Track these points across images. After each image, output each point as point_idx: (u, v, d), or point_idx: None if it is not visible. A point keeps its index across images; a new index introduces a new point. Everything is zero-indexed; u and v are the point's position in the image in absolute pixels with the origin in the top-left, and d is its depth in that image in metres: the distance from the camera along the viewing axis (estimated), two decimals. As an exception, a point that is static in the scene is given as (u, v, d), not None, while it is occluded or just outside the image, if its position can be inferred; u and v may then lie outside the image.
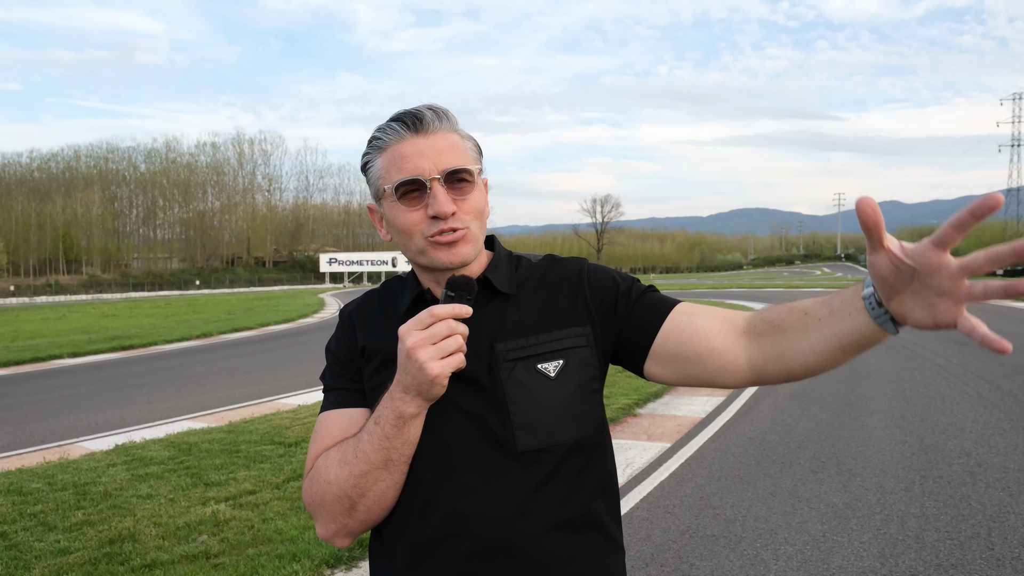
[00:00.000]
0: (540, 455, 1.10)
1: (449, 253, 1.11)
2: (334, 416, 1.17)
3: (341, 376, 1.21)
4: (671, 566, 3.86)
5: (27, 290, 65.27)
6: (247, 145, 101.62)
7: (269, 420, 7.89)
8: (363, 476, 1.07)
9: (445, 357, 1.00)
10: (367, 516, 1.11)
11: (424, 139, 1.11)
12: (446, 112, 1.15)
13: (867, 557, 3.88)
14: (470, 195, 1.13)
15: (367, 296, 1.29)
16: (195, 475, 5.67)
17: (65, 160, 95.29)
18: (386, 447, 1.05)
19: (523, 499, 1.09)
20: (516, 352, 1.13)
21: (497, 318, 1.16)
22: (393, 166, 1.12)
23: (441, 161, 1.10)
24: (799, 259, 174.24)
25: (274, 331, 21.82)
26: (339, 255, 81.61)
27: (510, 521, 1.08)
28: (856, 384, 9.07)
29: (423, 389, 1.01)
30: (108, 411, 9.19)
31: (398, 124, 1.12)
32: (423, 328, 1.00)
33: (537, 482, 1.09)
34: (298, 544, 4.10)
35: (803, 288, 40.38)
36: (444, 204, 1.09)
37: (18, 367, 14.37)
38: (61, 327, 25.53)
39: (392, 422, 1.04)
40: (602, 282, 1.20)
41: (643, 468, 5.70)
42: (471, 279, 1.06)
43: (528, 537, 1.08)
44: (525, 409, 1.10)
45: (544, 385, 1.11)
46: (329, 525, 1.12)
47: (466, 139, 1.17)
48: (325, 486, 1.10)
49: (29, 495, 5.26)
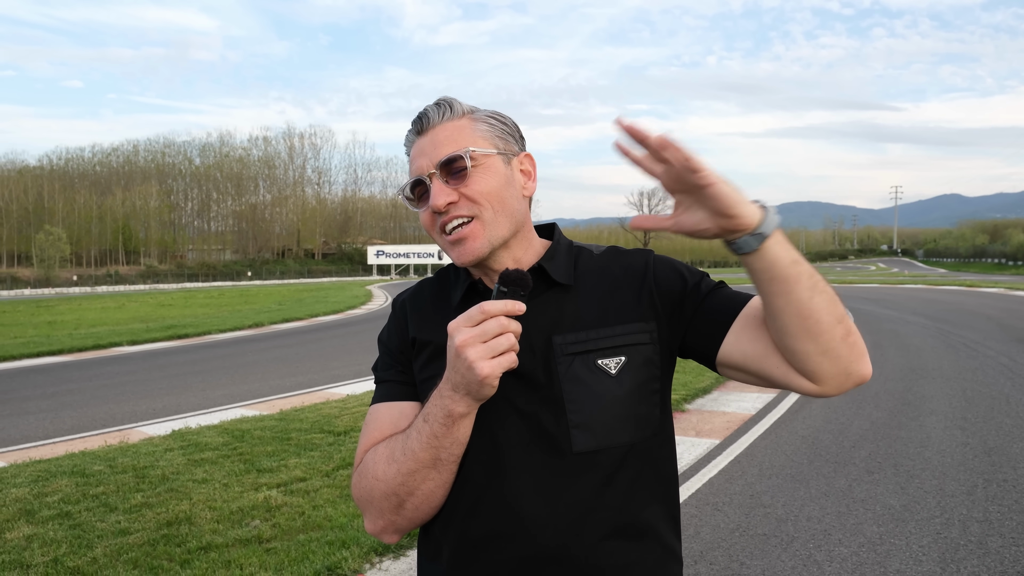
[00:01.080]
0: (596, 457, 1.05)
1: (459, 252, 1.09)
2: (384, 409, 1.15)
3: (392, 368, 1.18)
4: (721, 564, 3.79)
5: (89, 280, 67.75)
6: (297, 139, 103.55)
7: (319, 409, 8.03)
8: (411, 474, 1.05)
9: (496, 356, 0.95)
10: (415, 514, 1.09)
11: (425, 137, 1.11)
12: (450, 102, 1.12)
13: (927, 562, 3.74)
14: (470, 179, 1.08)
15: (420, 285, 1.25)
16: (248, 461, 5.80)
17: (125, 154, 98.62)
18: (435, 446, 1.02)
19: (576, 503, 1.04)
20: (575, 346, 1.07)
21: (555, 310, 1.10)
22: (409, 171, 1.13)
23: (436, 154, 1.08)
24: (853, 254, 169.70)
25: (323, 322, 22.20)
26: (386, 248, 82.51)
27: (562, 526, 1.03)
28: (914, 383, 8.78)
29: (472, 389, 0.97)
30: (165, 397, 9.48)
31: (411, 128, 1.14)
32: (473, 325, 0.96)
33: (591, 485, 1.04)
34: (347, 531, 4.16)
35: (857, 283, 39.26)
36: (434, 196, 1.07)
37: (81, 354, 14.93)
38: (120, 316, 26.46)
39: (441, 421, 1.01)
40: (669, 276, 1.14)
41: (692, 464, 5.61)
42: (525, 274, 1.01)
43: (581, 544, 1.03)
44: (583, 407, 1.05)
45: (604, 382, 1.05)
46: (377, 521, 1.11)
47: (479, 121, 1.12)
48: (373, 482, 1.08)
49: (92, 477, 5.46)
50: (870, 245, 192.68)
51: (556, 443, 1.05)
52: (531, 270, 1.11)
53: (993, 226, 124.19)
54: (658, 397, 1.12)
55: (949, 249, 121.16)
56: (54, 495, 5.02)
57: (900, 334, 13.91)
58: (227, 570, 3.73)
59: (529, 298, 1.09)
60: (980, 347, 11.84)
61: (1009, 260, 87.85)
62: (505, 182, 1.10)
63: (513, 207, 1.11)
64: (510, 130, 1.15)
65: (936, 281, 39.86)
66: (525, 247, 1.15)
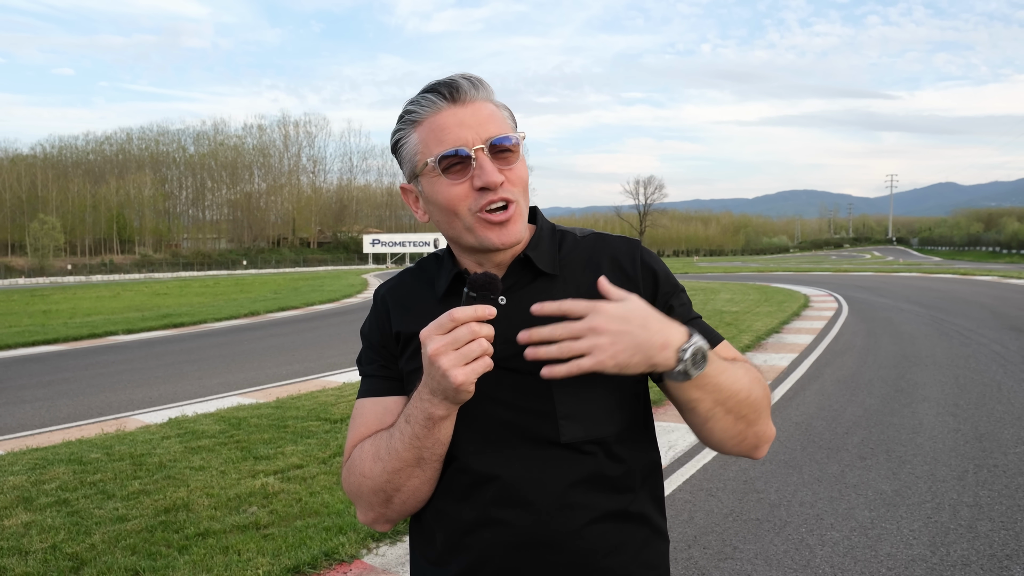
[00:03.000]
0: (584, 446, 1.07)
1: (501, 233, 1.07)
2: (369, 405, 1.16)
3: (375, 362, 1.18)
4: (714, 548, 3.83)
5: (83, 269, 67.55)
6: (292, 127, 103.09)
7: (315, 397, 8.06)
8: (396, 472, 1.06)
9: (469, 363, 0.96)
10: (403, 507, 1.12)
11: (463, 108, 1.06)
12: (481, 80, 1.10)
13: (917, 545, 3.79)
14: (515, 165, 1.08)
15: (401, 276, 1.24)
16: (245, 449, 5.82)
17: (118, 143, 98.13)
18: (417, 446, 1.04)
19: (565, 490, 1.06)
20: None
21: (540, 300, 1.08)
22: (432, 139, 1.06)
23: (484, 130, 1.05)
24: (848, 242, 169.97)
25: (319, 310, 22.19)
26: (382, 236, 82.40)
27: (552, 512, 1.05)
28: (907, 371, 8.84)
29: (449, 395, 0.98)
30: (161, 386, 9.49)
31: (433, 95, 1.07)
32: (444, 332, 0.96)
33: (579, 474, 1.07)
34: (344, 518, 4.19)
35: (852, 272, 39.39)
36: (492, 174, 1.04)
37: (76, 343, 14.91)
38: (116, 305, 26.41)
39: (422, 423, 1.02)
40: (648, 277, 1.16)
41: (686, 450, 5.66)
42: (494, 277, 1.01)
43: (569, 529, 1.06)
44: (570, 398, 1.06)
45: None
46: (368, 513, 1.13)
47: (502, 108, 1.12)
48: (361, 479, 1.10)
49: (89, 464, 5.48)
50: (865, 234, 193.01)
51: (544, 433, 1.06)
52: (517, 260, 1.12)
53: (988, 215, 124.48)
54: (642, 386, 1.15)
55: (944, 237, 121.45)
56: (52, 483, 5.04)
57: (894, 322, 13.98)
58: (225, 556, 3.76)
59: (515, 288, 1.10)
60: (973, 335, 11.91)
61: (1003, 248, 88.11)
62: (528, 174, 1.13)
63: (529, 199, 1.14)
64: (516, 122, 1.16)
65: (930, 269, 39.97)
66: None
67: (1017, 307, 16.88)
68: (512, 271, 1.12)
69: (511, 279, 1.12)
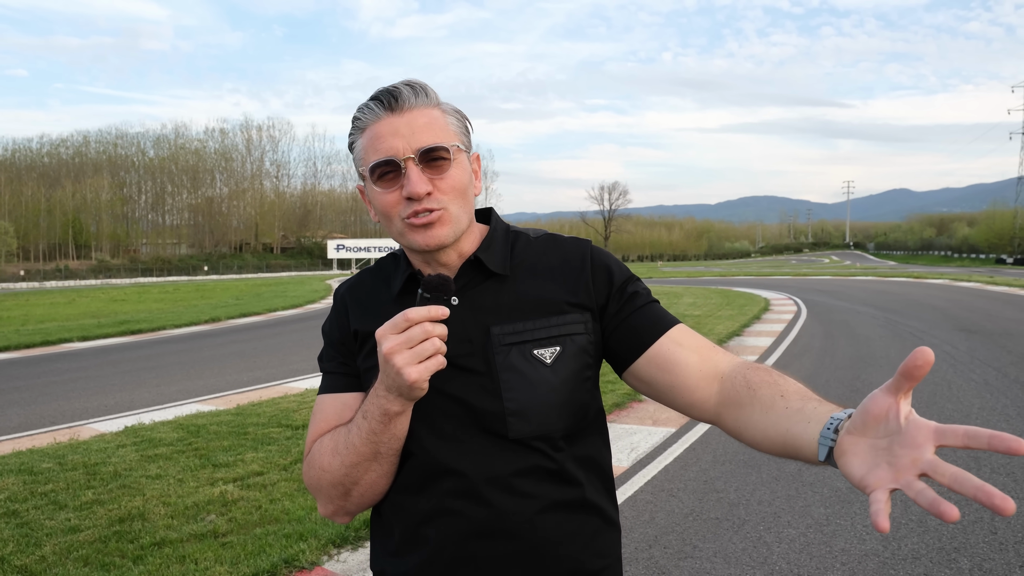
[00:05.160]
0: (532, 442, 1.10)
1: (425, 236, 1.09)
2: (329, 400, 1.19)
3: (335, 359, 1.21)
4: (674, 548, 3.88)
5: (37, 275, 65.66)
6: (255, 131, 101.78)
7: (277, 403, 7.95)
8: (354, 466, 1.09)
9: (422, 361, 0.99)
10: (362, 500, 1.14)
11: (399, 117, 1.09)
12: (424, 87, 1.12)
13: (869, 540, 3.89)
14: (447, 173, 1.09)
15: (361, 276, 1.27)
16: (203, 456, 5.72)
17: (74, 146, 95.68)
18: (374, 441, 1.07)
19: (515, 482, 1.09)
20: (512, 336, 1.11)
21: (492, 300, 1.14)
22: (370, 147, 1.10)
23: (416, 140, 1.08)
24: (808, 247, 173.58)
25: (282, 316, 21.90)
26: (347, 241, 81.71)
27: (505, 503, 1.09)
28: (862, 371, 9.06)
29: (404, 392, 1.01)
30: (117, 394, 9.27)
31: (375, 103, 1.10)
32: (399, 332, 0.99)
33: (530, 467, 1.10)
34: (305, 524, 4.15)
35: (811, 276, 40.20)
36: (417, 185, 1.06)
37: (29, 350, 14.48)
38: (71, 311, 25.71)
39: (378, 418, 1.05)
40: (601, 274, 1.18)
41: (648, 452, 5.72)
42: (447, 279, 1.04)
43: (521, 519, 1.09)
44: (519, 395, 1.09)
45: (540, 372, 1.10)
46: (327, 506, 1.16)
47: (448, 114, 1.14)
48: (320, 472, 1.13)
49: (40, 475, 5.33)
50: (824, 238, 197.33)
51: (494, 429, 1.09)
52: (468, 261, 1.15)
53: (940, 220, 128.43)
54: (591, 384, 1.17)
55: (899, 242, 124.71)
56: (0, 493, 4.89)
57: (850, 324, 14.30)
58: (181, 565, 3.69)
59: (466, 289, 1.13)
60: (926, 336, 12.24)
61: (954, 252, 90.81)
62: (469, 179, 1.14)
63: (471, 204, 1.15)
64: (469, 128, 1.17)
65: (886, 273, 41.02)
66: (470, 240, 1.17)
67: (967, 309, 17.42)
68: (464, 272, 1.15)
69: (463, 280, 1.14)
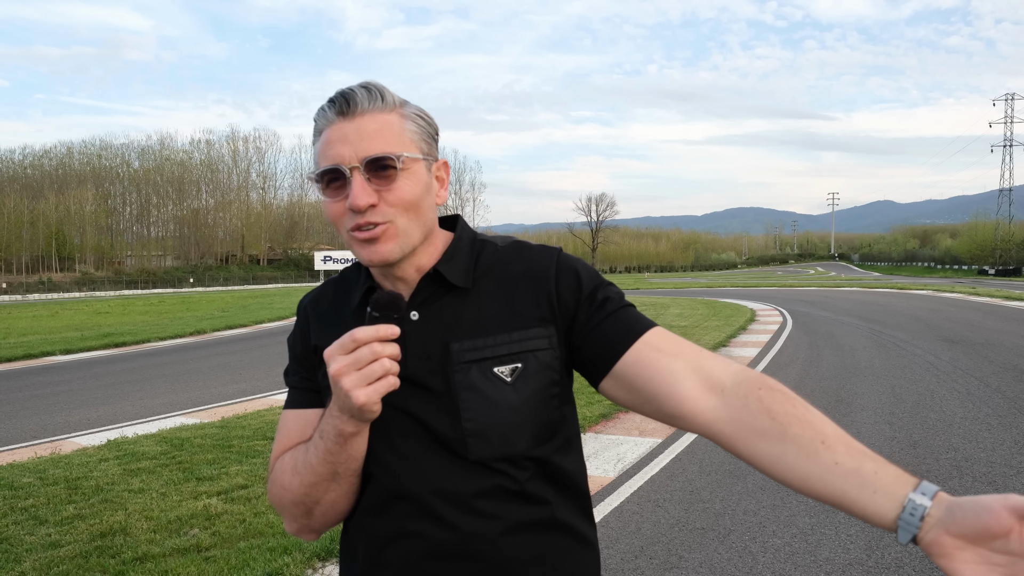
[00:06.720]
0: (493, 464, 1.04)
1: (368, 251, 1.03)
2: (291, 416, 1.15)
3: (297, 374, 1.17)
4: (660, 558, 3.89)
5: (19, 287, 64.97)
6: (241, 143, 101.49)
7: (262, 416, 7.90)
8: (313, 486, 1.06)
9: (372, 383, 0.94)
10: (324, 519, 1.11)
11: (350, 123, 1.01)
12: (381, 90, 1.04)
13: (854, 549, 3.91)
14: (395, 184, 1.01)
15: (324, 287, 1.21)
16: (187, 470, 5.67)
17: (58, 157, 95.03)
18: (331, 461, 1.03)
19: (476, 502, 1.04)
20: (472, 353, 1.04)
21: (451, 315, 1.07)
22: (320, 153, 1.03)
23: (363, 147, 1.00)
24: (793, 258, 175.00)
25: (268, 328, 21.76)
26: (334, 253, 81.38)
27: (467, 524, 1.04)
28: (847, 381, 9.12)
29: (355, 414, 0.97)
30: (100, 407, 9.18)
31: (329, 106, 1.03)
32: (346, 353, 0.94)
33: (491, 488, 1.04)
34: (289, 538, 4.12)
35: (796, 287, 40.50)
36: (358, 196, 0.99)
37: (10, 364, 14.31)
38: (54, 324, 25.44)
39: (334, 438, 1.02)
40: (568, 282, 1.09)
41: (634, 463, 5.72)
42: (398, 297, 0.98)
43: (483, 541, 1.04)
44: (478, 416, 1.03)
45: (500, 390, 1.03)
46: (292, 524, 1.13)
47: (408, 119, 1.05)
48: (282, 491, 1.10)
49: (20, 489, 5.26)
50: (809, 250, 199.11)
51: (453, 450, 1.04)
52: (428, 275, 1.09)
53: (923, 231, 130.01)
54: (557, 401, 1.10)
55: (883, 253, 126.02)
56: (-21, 509, 4.82)
57: (835, 335, 14.41)
58: (164, 580, 3.65)
59: (427, 303, 1.07)
60: (909, 346, 12.36)
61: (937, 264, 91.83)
62: (425, 190, 1.06)
63: (427, 215, 1.07)
64: (433, 133, 1.10)
65: (870, 284, 41.41)
66: (430, 252, 1.10)
67: (949, 319, 17.61)
68: (424, 286, 1.09)
69: (423, 294, 1.08)
